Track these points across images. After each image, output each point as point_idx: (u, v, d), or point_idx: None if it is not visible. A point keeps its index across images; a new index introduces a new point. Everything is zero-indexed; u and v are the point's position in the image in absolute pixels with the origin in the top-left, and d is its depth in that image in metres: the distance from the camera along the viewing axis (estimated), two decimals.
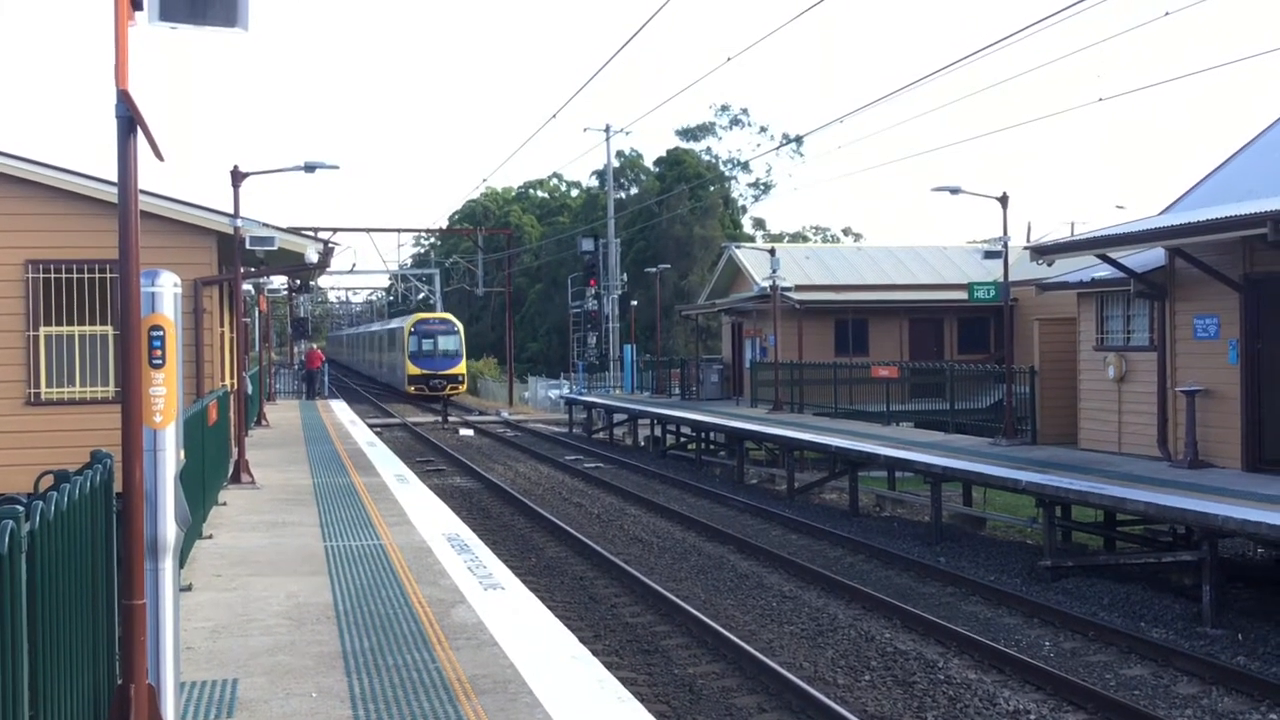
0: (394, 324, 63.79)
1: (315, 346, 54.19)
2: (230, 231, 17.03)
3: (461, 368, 56.04)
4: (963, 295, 26.23)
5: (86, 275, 16.52)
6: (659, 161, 72.42)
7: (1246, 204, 15.77)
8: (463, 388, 56.84)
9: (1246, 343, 15.84)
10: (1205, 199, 18.72)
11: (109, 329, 16.51)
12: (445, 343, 55.36)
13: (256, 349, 38.28)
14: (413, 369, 54.55)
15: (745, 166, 73.90)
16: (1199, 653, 11.69)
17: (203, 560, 10.47)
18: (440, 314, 59.95)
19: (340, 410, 33.44)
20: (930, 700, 10.39)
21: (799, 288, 33.07)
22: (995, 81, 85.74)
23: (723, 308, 38.21)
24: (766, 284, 31.00)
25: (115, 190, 14.45)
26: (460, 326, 56.93)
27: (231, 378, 19.91)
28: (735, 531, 19.14)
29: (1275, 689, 10.42)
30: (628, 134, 65.90)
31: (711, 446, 31.15)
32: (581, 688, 6.64)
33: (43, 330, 16.54)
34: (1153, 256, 17.76)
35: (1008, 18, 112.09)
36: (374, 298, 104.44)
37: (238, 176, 17.57)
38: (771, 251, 31.72)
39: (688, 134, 74.65)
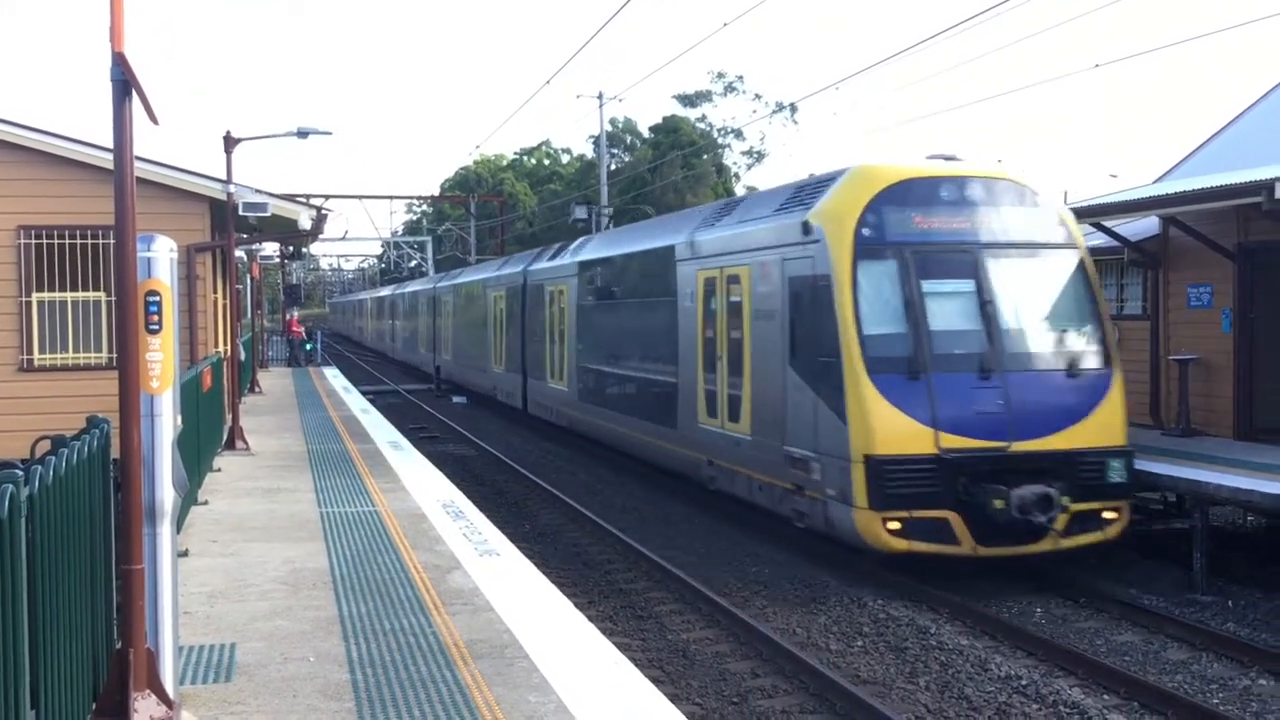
0: (748, 224, 15.43)
1: (294, 315, 53.59)
2: (223, 197, 16.97)
3: (1119, 415, 13.08)
4: None
5: (79, 241, 16.46)
6: (655, 128, 72.11)
7: (1241, 172, 15.76)
8: (1122, 521, 13.00)
9: (1240, 312, 15.87)
10: (1200, 167, 18.72)
11: (102, 295, 16.46)
12: (1044, 299, 13.57)
13: (249, 316, 38.22)
14: (898, 426, 12.20)
15: (739, 134, 73.62)
16: (1189, 619, 11.78)
17: (199, 526, 10.49)
18: (989, 170, 13.76)
19: (333, 378, 33.41)
20: (922, 666, 10.46)
21: None
22: (991, 49, 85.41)
23: None
24: None
25: (107, 155, 14.35)
26: (1077, 233, 13.91)
27: (225, 344, 19.88)
28: (729, 502, 19.14)
29: (1264, 655, 10.51)
30: (620, 101, 65.52)
31: None
32: (577, 652, 6.68)
33: (35, 296, 16.49)
34: (1147, 225, 17.77)
35: None
36: (365, 265, 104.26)
37: (231, 142, 17.49)
38: None
39: (686, 100, 74.27)
